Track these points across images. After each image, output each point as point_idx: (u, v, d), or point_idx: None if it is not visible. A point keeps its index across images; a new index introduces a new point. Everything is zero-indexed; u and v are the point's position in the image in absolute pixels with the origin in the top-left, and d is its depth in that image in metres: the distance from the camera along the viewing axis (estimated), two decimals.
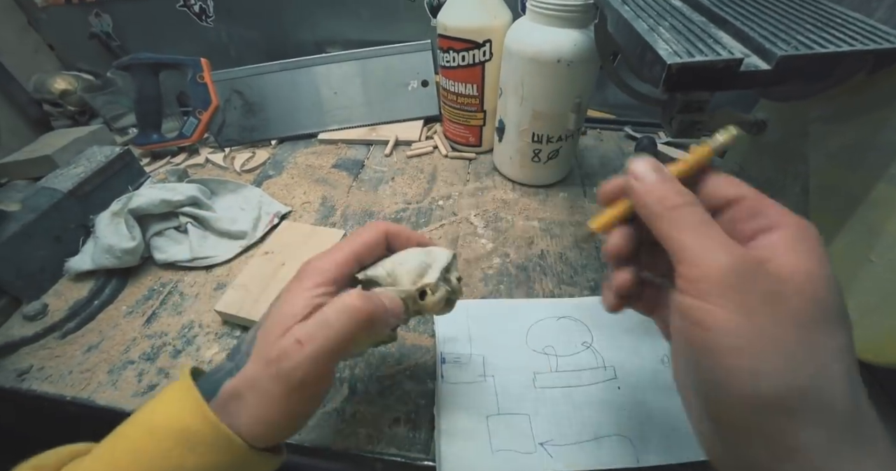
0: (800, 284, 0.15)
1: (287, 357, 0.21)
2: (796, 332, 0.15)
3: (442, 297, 0.26)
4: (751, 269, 0.16)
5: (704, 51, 0.25)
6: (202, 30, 0.73)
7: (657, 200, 0.18)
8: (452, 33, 0.52)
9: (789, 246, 0.16)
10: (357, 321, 0.22)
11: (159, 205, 0.47)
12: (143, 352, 0.38)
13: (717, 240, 0.17)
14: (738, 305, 0.15)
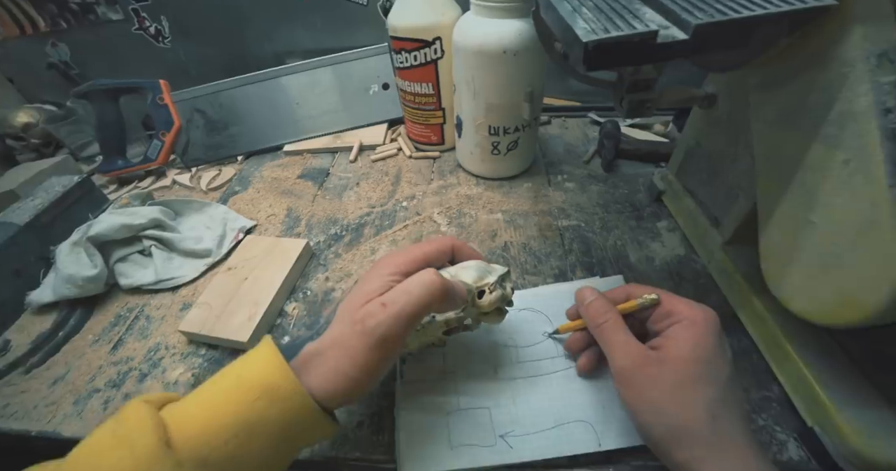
0: (675, 365, 0.25)
1: (372, 316, 0.24)
2: (669, 397, 0.25)
3: (497, 297, 0.29)
4: (639, 363, 0.26)
5: (622, 26, 0.25)
6: (160, 51, 0.73)
7: (591, 317, 0.30)
8: (402, 34, 0.52)
9: (678, 337, 0.26)
10: (432, 292, 0.25)
11: (120, 230, 0.46)
12: (109, 379, 0.38)
13: (620, 346, 0.27)
14: (632, 388, 0.26)
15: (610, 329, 0.28)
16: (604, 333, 0.28)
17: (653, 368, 0.25)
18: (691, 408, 0.24)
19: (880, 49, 0.24)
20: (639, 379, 0.25)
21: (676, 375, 0.25)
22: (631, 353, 0.26)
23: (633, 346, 0.27)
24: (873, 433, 0.26)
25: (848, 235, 0.25)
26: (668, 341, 0.26)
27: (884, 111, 0.24)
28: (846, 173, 0.25)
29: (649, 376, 0.25)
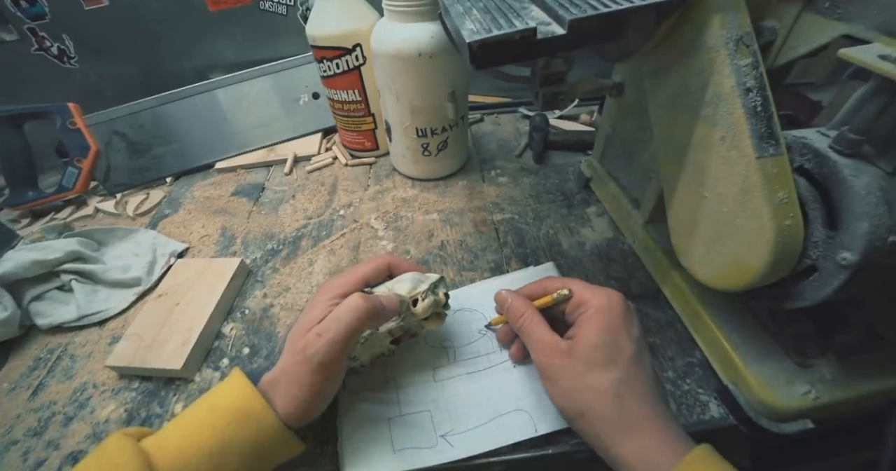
0: (581, 350, 0.27)
1: (310, 345, 0.27)
2: (576, 381, 0.27)
3: (430, 303, 0.31)
4: (555, 354, 0.28)
5: (504, 25, 0.26)
6: (67, 72, 0.68)
7: (511, 318, 0.31)
8: (322, 42, 0.52)
9: (585, 325, 0.28)
10: (359, 316, 0.27)
11: (31, 267, 0.43)
12: (29, 428, 0.35)
13: (539, 340, 0.29)
14: (550, 378, 0.28)
15: (527, 327, 0.30)
16: (523, 330, 0.30)
17: (563, 358, 0.27)
18: (597, 391, 0.26)
19: (737, 35, 0.27)
20: (553, 370, 0.28)
21: (582, 362, 0.27)
22: (545, 347, 0.28)
23: (546, 339, 0.29)
24: (777, 383, 0.29)
25: (731, 206, 0.27)
26: (578, 330, 0.28)
27: (745, 91, 0.26)
28: (724, 149, 0.27)
29: (560, 367, 0.27)
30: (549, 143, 0.58)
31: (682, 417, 0.31)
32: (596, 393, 0.26)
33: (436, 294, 0.32)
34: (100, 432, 0.34)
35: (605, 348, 0.27)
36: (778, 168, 0.25)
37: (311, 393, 0.27)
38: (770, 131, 0.26)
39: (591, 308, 0.28)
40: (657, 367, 0.34)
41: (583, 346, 0.27)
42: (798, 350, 0.30)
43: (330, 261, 0.45)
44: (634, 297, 0.39)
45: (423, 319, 0.32)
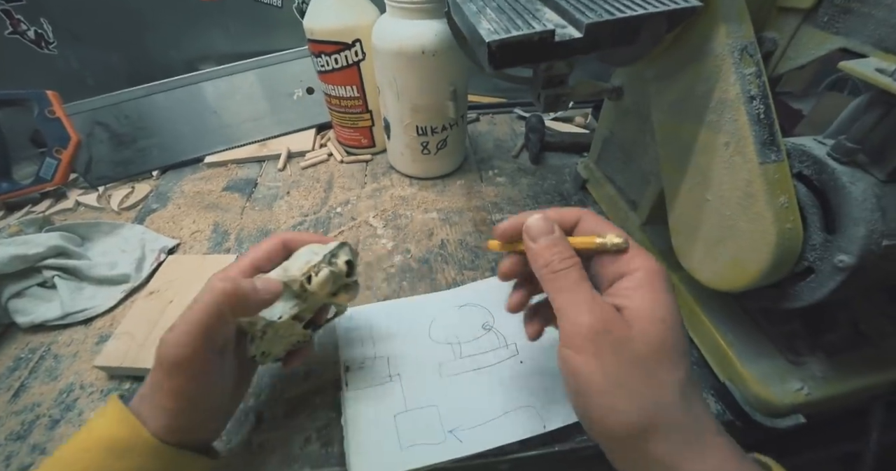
0: (643, 328, 0.20)
1: (161, 343, 0.23)
2: (639, 372, 0.19)
3: (325, 277, 0.27)
4: (607, 323, 0.20)
5: (522, 26, 0.26)
6: (45, 58, 0.65)
7: (544, 263, 0.22)
8: (320, 36, 0.51)
9: (636, 291, 0.21)
10: (217, 298, 0.23)
11: (10, 262, 0.41)
12: (11, 431, 0.33)
13: (584, 301, 0.21)
14: (595, 355, 0.20)
15: (572, 278, 0.21)
16: (559, 283, 0.21)
17: (621, 331, 0.20)
18: (666, 386, 0.19)
19: (741, 44, 0.28)
20: (602, 344, 0.19)
21: (648, 342, 0.19)
22: (596, 310, 0.20)
23: (599, 303, 0.20)
24: (770, 380, 0.30)
25: (734, 209, 0.28)
26: (627, 296, 0.21)
27: (749, 98, 0.27)
28: (728, 154, 0.28)
29: (615, 342, 0.19)
30: (546, 144, 0.59)
31: None
32: (666, 389, 0.19)
33: (333, 265, 0.28)
34: None
35: (673, 332, 0.20)
36: (779, 174, 0.26)
37: (175, 400, 0.23)
38: (772, 138, 0.27)
39: (641, 270, 0.21)
40: None
41: (646, 320, 0.20)
42: (790, 348, 0.32)
43: None
44: None
45: (332, 295, 0.29)
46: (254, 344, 0.28)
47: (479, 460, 0.29)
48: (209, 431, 0.27)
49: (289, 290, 0.27)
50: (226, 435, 0.31)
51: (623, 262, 0.22)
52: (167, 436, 0.23)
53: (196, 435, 0.25)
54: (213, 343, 0.24)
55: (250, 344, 0.28)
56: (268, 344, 0.28)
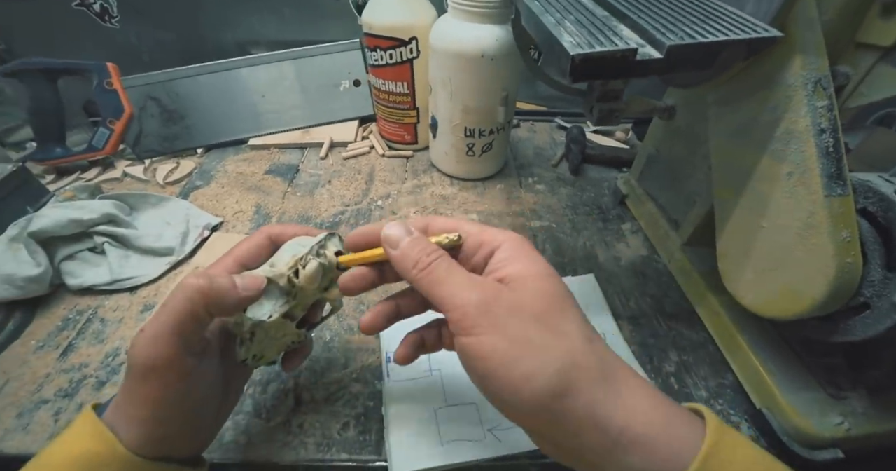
0: (532, 286, 0.20)
1: (132, 345, 0.21)
2: (542, 327, 0.18)
3: (315, 269, 0.25)
4: (492, 293, 0.19)
5: (605, 42, 0.26)
6: (107, 32, 0.67)
7: (412, 264, 0.21)
8: (378, 31, 0.52)
9: (510, 258, 0.21)
10: (190, 295, 0.21)
11: (67, 225, 0.42)
12: (60, 388, 0.35)
13: (462, 282, 0.20)
14: (493, 327, 0.18)
15: (443, 267, 0.21)
16: (432, 276, 0.21)
17: (509, 294, 0.19)
18: (571, 334, 0.19)
19: (816, 77, 0.28)
20: (497, 314, 0.19)
21: (542, 297, 0.19)
22: (479, 286, 0.20)
23: (478, 280, 0.20)
24: (810, 412, 0.30)
25: (792, 238, 0.28)
26: (504, 267, 0.21)
27: (819, 131, 0.27)
28: (790, 184, 0.29)
29: (509, 307, 0.19)
30: (586, 156, 0.59)
31: None
32: (570, 337, 0.18)
33: (322, 256, 0.26)
34: None
35: (555, 281, 0.20)
36: (844, 208, 0.27)
37: (150, 408, 0.21)
38: (839, 172, 0.27)
39: (505, 241, 0.22)
40: (690, 384, 0.35)
41: (529, 279, 0.20)
42: (831, 382, 0.32)
43: None
44: (668, 315, 0.40)
45: (324, 290, 0.27)
46: (243, 347, 0.25)
47: (512, 461, 0.29)
48: (194, 441, 0.25)
49: (276, 286, 0.25)
50: (265, 413, 0.32)
51: (487, 245, 0.22)
52: (144, 448, 0.21)
53: (178, 446, 0.23)
54: (189, 344, 0.22)
55: (239, 347, 0.25)
56: (259, 346, 0.26)
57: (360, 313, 0.40)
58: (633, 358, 0.36)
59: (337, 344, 0.37)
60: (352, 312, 0.40)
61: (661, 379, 0.35)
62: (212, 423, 0.26)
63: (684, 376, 0.36)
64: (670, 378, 0.36)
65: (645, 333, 0.39)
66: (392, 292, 0.27)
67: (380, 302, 0.26)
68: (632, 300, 0.42)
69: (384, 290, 0.41)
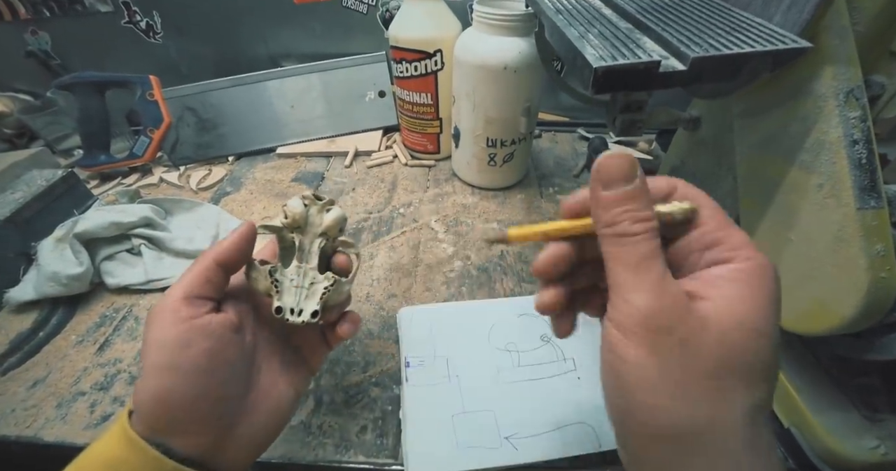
0: (724, 333, 0.15)
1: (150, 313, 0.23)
2: (704, 381, 0.15)
3: (297, 200, 0.27)
4: (675, 313, 0.16)
5: (627, 55, 0.27)
6: (150, 46, 0.71)
7: (611, 220, 0.17)
8: (404, 45, 0.53)
9: (729, 284, 0.16)
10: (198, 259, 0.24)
11: (108, 228, 0.45)
12: (96, 382, 0.37)
13: (650, 279, 0.16)
14: (653, 346, 0.16)
15: (638, 252, 0.17)
16: (624, 251, 0.17)
17: (689, 331, 0.16)
18: (729, 402, 0.15)
19: (848, 87, 0.27)
20: (664, 337, 0.16)
21: (723, 352, 0.15)
22: (664, 296, 0.16)
23: (669, 288, 0.16)
24: (843, 434, 0.29)
25: (821, 252, 0.28)
26: (711, 289, 0.16)
27: (851, 142, 0.27)
28: (820, 196, 0.28)
29: (683, 338, 0.15)
30: None
31: None
32: (728, 405, 0.15)
33: (306, 198, 0.27)
34: None
35: (763, 342, 0.16)
36: (878, 221, 0.26)
37: (152, 354, 0.21)
38: (873, 184, 0.26)
39: (742, 261, 0.17)
40: None
41: (728, 320, 0.16)
42: (865, 403, 0.30)
43: (391, 257, 0.47)
44: None
45: (320, 224, 0.28)
46: (275, 297, 0.26)
47: (533, 466, 0.29)
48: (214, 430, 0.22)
49: (281, 241, 0.28)
50: None
51: (723, 247, 0.17)
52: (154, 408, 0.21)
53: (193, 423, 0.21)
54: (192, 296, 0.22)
55: (276, 300, 0.26)
56: (291, 297, 0.26)
57: (379, 318, 0.40)
58: None
59: (357, 348, 0.38)
60: (371, 317, 0.41)
61: None
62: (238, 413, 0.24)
63: None
64: None
65: None
66: None
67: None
68: None
69: (443, 299, 0.42)
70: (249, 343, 0.25)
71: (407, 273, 0.45)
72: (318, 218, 0.28)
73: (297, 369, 0.28)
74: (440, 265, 0.45)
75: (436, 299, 0.42)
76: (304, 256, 0.27)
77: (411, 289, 0.43)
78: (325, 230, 0.28)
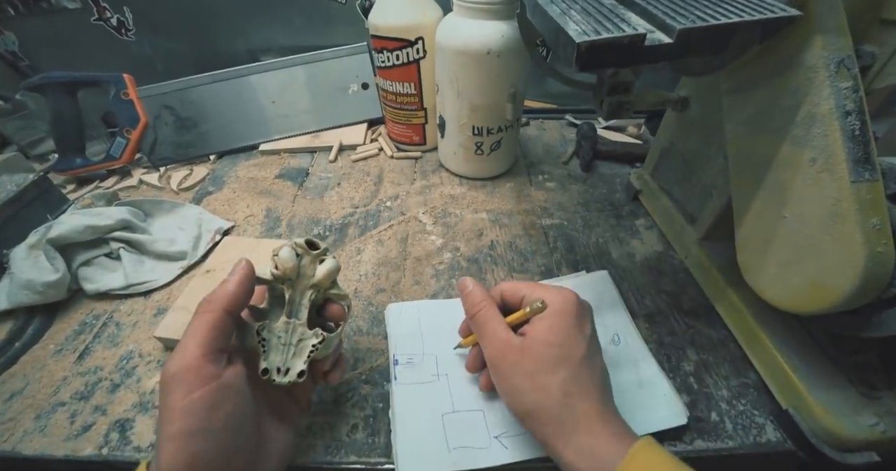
0: (533, 349, 0.26)
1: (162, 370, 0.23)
2: (528, 381, 0.26)
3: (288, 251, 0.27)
4: (507, 350, 0.27)
5: (612, 29, 0.25)
6: (123, 44, 0.69)
7: (468, 307, 0.30)
8: (384, 33, 0.52)
9: (538, 323, 0.27)
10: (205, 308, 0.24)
11: (84, 232, 0.43)
12: (76, 391, 0.35)
13: (492, 335, 0.28)
14: (500, 374, 0.27)
15: (482, 318, 0.29)
16: (477, 322, 0.29)
17: (515, 355, 0.26)
18: (546, 391, 0.25)
19: (839, 57, 0.26)
20: (504, 367, 0.27)
21: (533, 361, 0.26)
22: (498, 341, 0.27)
23: (500, 334, 0.27)
24: (841, 412, 0.28)
25: (816, 228, 0.27)
26: (530, 328, 0.27)
27: (844, 114, 0.26)
28: (813, 171, 0.27)
29: (512, 363, 0.26)
30: (598, 152, 0.58)
31: (738, 438, 0.31)
32: (545, 393, 0.25)
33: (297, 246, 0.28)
34: (146, 402, 0.34)
35: (557, 348, 0.26)
36: (873, 194, 0.25)
37: (176, 420, 0.21)
38: (867, 156, 0.26)
39: (550, 307, 0.27)
40: (711, 384, 0.34)
41: (535, 344, 0.26)
42: (863, 381, 0.30)
43: (378, 251, 0.45)
44: (685, 312, 0.39)
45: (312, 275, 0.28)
46: (261, 357, 0.26)
47: (522, 464, 0.29)
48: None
49: (271, 291, 0.28)
50: None
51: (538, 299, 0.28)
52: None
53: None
54: (209, 352, 0.23)
55: (262, 362, 0.26)
56: (279, 356, 0.26)
57: (369, 314, 0.39)
58: (650, 356, 0.34)
59: (346, 346, 0.37)
60: (360, 313, 0.40)
61: (680, 379, 0.34)
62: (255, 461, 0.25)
63: (704, 375, 0.34)
64: (689, 378, 0.34)
65: (661, 332, 0.37)
66: None
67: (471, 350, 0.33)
68: (647, 298, 0.40)
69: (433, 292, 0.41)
70: (252, 390, 0.26)
71: (395, 267, 0.44)
72: (310, 269, 0.27)
73: (290, 410, 0.28)
74: (429, 258, 0.44)
75: (425, 292, 0.41)
76: (293, 310, 0.27)
77: (400, 283, 0.42)
78: (317, 283, 0.27)
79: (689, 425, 0.30)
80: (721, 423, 0.31)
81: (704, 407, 0.32)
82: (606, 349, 0.34)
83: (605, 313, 0.38)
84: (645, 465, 0.23)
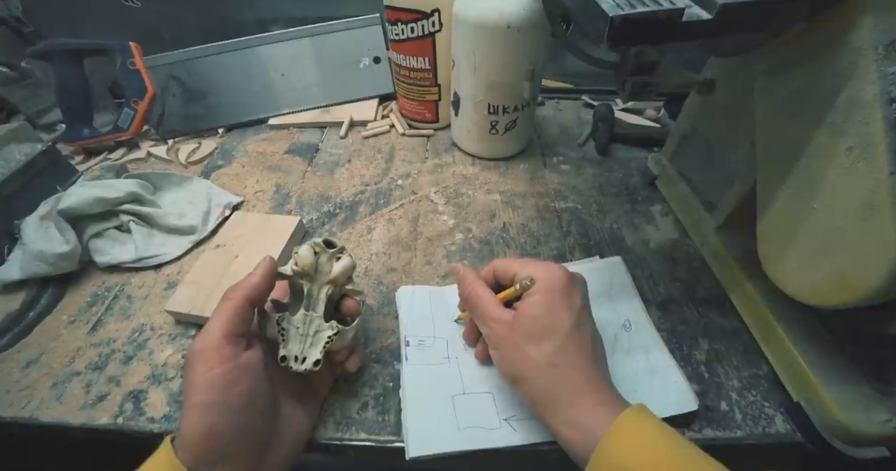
0: (522, 322, 0.27)
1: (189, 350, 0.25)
2: (516, 351, 0.27)
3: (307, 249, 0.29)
4: (498, 323, 0.28)
5: (647, 2, 0.24)
6: (129, 11, 0.67)
7: (460, 289, 0.32)
8: (400, 4, 0.50)
9: (527, 297, 0.28)
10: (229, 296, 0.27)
11: (94, 204, 0.43)
12: (90, 362, 0.36)
13: (485, 311, 0.29)
14: (493, 344, 0.29)
15: (473, 298, 0.30)
16: (469, 302, 0.30)
17: (505, 329, 0.28)
18: (534, 362, 0.26)
19: (889, 39, 0.25)
20: (496, 339, 0.28)
21: (522, 333, 0.27)
22: (488, 318, 0.29)
23: (490, 312, 0.29)
24: (854, 407, 0.28)
25: (847, 220, 0.26)
26: (521, 304, 0.28)
27: (889, 101, 0.24)
28: (849, 160, 0.26)
29: (503, 337, 0.28)
30: (615, 135, 0.56)
31: (747, 428, 0.31)
32: (533, 363, 0.26)
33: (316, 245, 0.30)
34: (159, 375, 0.35)
35: (543, 319, 0.27)
36: None
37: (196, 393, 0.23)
38: None
39: (538, 283, 0.28)
40: (722, 374, 0.34)
41: (523, 318, 0.27)
42: (878, 376, 0.30)
43: (389, 230, 0.45)
44: (699, 301, 0.39)
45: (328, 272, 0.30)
46: (281, 345, 0.28)
47: (531, 447, 0.29)
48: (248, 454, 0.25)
49: (291, 285, 0.30)
50: None
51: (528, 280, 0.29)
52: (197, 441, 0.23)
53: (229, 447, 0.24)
54: (231, 335, 0.25)
55: (281, 349, 0.28)
56: (297, 345, 0.28)
57: (379, 293, 0.39)
58: (661, 343, 0.34)
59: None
60: (371, 292, 0.39)
61: (692, 368, 0.34)
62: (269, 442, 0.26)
63: (715, 365, 0.34)
64: (700, 367, 0.34)
65: (674, 320, 0.37)
66: None
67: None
68: (661, 285, 0.40)
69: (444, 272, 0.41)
70: (271, 375, 0.28)
71: (406, 247, 0.43)
72: (327, 266, 0.30)
73: (309, 397, 0.30)
74: (440, 238, 0.44)
75: (436, 273, 0.40)
76: (311, 303, 0.30)
77: (411, 263, 0.42)
78: (334, 279, 0.30)
79: (699, 412, 0.30)
80: (731, 412, 0.31)
81: (714, 396, 0.32)
82: (618, 335, 0.35)
83: (617, 300, 0.37)
84: (630, 435, 0.23)
